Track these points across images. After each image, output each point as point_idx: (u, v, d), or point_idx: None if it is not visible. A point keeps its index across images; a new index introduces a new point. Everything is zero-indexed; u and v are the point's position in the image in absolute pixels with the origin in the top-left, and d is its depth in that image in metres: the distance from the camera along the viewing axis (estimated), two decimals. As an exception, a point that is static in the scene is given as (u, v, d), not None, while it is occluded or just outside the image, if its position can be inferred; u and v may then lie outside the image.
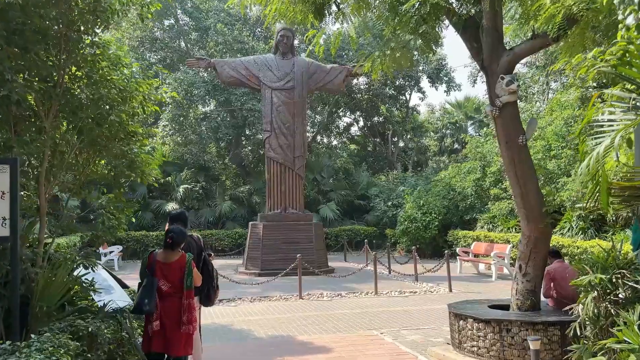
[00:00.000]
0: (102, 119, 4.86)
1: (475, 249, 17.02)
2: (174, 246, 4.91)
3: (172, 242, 4.91)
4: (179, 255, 4.90)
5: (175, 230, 4.97)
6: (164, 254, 4.93)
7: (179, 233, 4.99)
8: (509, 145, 6.45)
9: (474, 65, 25.88)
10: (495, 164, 18.83)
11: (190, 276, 4.83)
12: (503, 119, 6.41)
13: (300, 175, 16.93)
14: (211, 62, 16.96)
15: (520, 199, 6.62)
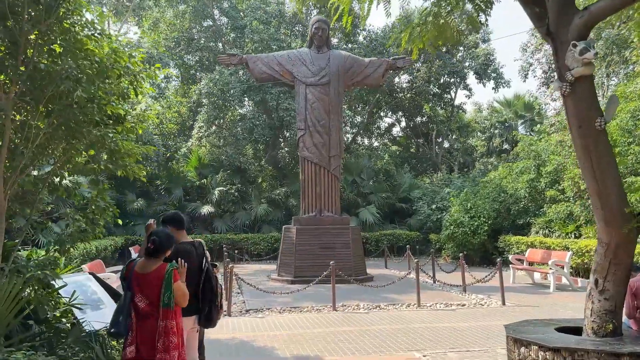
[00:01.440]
0: (69, 97, 3.95)
1: (530, 256, 15.44)
2: (156, 253, 3.97)
3: (155, 248, 3.97)
4: (158, 264, 3.95)
5: (159, 234, 4.03)
6: (143, 262, 4.00)
7: (165, 237, 4.05)
8: (583, 130, 5.15)
9: (524, 59, 24.14)
10: (552, 162, 17.14)
11: (169, 291, 3.85)
12: (576, 97, 5.13)
13: (336, 176, 15.85)
14: (243, 58, 16.17)
15: (596, 197, 5.31)
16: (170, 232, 4.31)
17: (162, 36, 25.83)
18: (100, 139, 4.29)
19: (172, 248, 4.57)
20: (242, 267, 19.25)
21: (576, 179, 15.75)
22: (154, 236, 4.01)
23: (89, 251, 16.16)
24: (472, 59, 29.38)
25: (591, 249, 13.88)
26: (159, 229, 4.22)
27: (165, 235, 4.08)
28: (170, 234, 4.24)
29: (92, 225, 4.88)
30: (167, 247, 4.07)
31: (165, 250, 4.07)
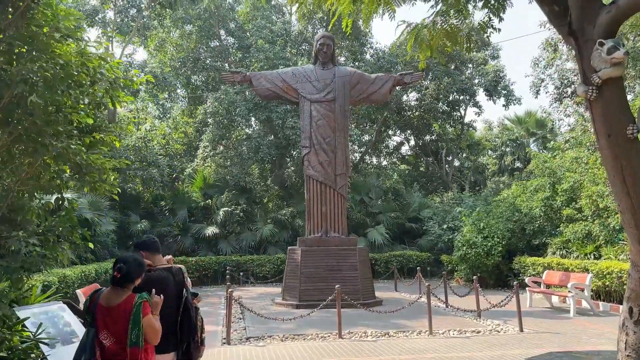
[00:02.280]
0: (24, 103, 3.46)
1: (547, 278, 14.65)
2: (124, 282, 3.44)
3: (122, 276, 3.43)
4: (126, 295, 3.40)
5: (127, 260, 3.49)
6: (108, 293, 3.46)
7: (133, 263, 3.51)
8: (613, 139, 4.58)
9: (535, 75, 23.57)
10: (567, 180, 16.45)
11: (137, 327, 3.29)
12: (604, 102, 4.57)
13: (342, 195, 15.29)
14: (247, 75, 15.81)
15: (630, 215, 4.71)
16: (140, 257, 3.78)
17: (168, 56, 25.72)
18: (63, 151, 3.77)
19: (144, 276, 4.03)
20: (246, 290, 18.63)
21: (594, 197, 15.06)
22: (120, 262, 3.48)
23: (87, 274, 15.66)
24: (481, 76, 28.92)
25: (613, 271, 13.12)
26: (127, 254, 3.70)
27: (134, 261, 3.55)
28: (139, 259, 3.70)
29: (54, 250, 4.33)
30: (135, 275, 3.54)
31: (134, 278, 3.54)
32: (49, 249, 4.25)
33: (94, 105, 4.09)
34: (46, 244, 4.22)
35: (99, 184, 4.33)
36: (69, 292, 13.90)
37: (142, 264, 3.68)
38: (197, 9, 23.17)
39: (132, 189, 24.06)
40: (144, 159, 22.15)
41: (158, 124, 27.84)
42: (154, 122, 26.62)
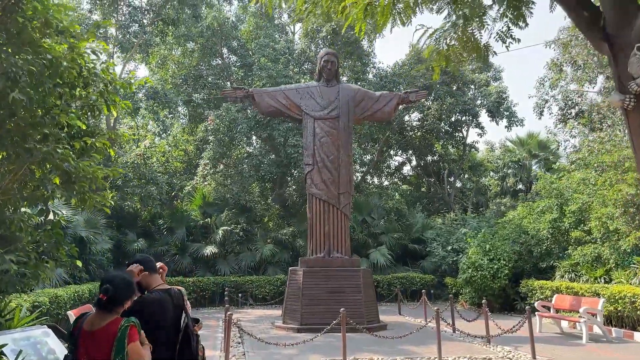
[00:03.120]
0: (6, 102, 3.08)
1: (557, 303, 14.16)
2: (110, 305, 3.04)
3: (108, 298, 3.03)
4: (112, 319, 2.99)
5: (114, 280, 3.11)
6: (93, 317, 3.05)
7: (121, 284, 3.12)
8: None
9: (539, 96, 23.38)
10: (576, 201, 16.07)
11: (121, 354, 2.87)
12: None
13: (346, 215, 14.88)
14: (249, 91, 15.54)
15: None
16: (129, 276, 3.37)
17: (170, 73, 25.56)
18: (49, 156, 3.37)
19: (138, 298, 3.63)
20: (245, 313, 18.06)
21: (604, 219, 14.66)
22: (106, 283, 3.08)
23: (80, 294, 15.13)
24: (483, 97, 28.75)
25: (625, 296, 12.66)
26: (114, 273, 3.32)
27: (122, 281, 3.15)
28: (128, 278, 3.30)
29: (37, 269, 3.89)
30: (123, 297, 3.14)
31: (123, 301, 3.14)
32: (30, 267, 3.81)
33: (87, 109, 3.72)
34: (28, 261, 3.78)
35: (89, 194, 3.91)
36: (60, 314, 13.37)
37: (131, 283, 3.28)
38: (200, 27, 23.07)
39: (129, 206, 23.62)
40: (142, 176, 21.77)
41: (158, 141, 27.54)
42: (154, 139, 26.31)
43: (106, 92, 3.79)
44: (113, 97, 3.86)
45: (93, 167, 3.82)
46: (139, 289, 3.98)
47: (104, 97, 3.81)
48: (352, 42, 24.14)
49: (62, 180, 3.62)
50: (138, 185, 21.57)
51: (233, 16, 26.30)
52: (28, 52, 3.23)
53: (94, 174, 3.79)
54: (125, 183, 21.52)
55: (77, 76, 3.56)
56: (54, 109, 3.39)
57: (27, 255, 3.81)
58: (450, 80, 27.04)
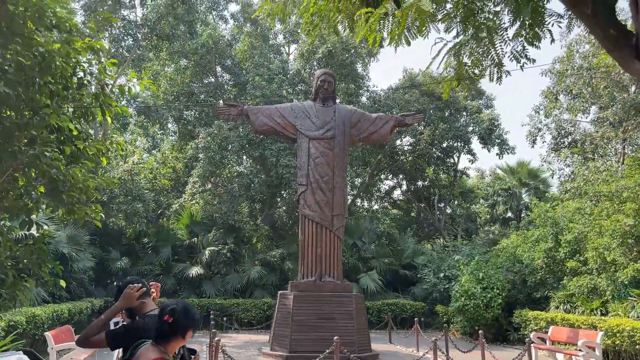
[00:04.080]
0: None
1: (553, 334, 13.79)
2: (170, 336, 2.86)
3: (174, 321, 2.86)
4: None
5: (178, 308, 2.90)
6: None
7: (185, 311, 2.92)
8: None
9: (533, 124, 23.43)
10: (572, 231, 15.85)
11: None
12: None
13: (339, 237, 14.48)
14: (243, 109, 15.24)
15: None
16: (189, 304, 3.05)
17: (162, 89, 25.22)
18: (36, 160, 2.96)
19: (128, 323, 3.26)
20: (229, 338, 17.41)
21: (600, 250, 14.43)
22: (171, 307, 2.85)
23: (59, 314, 14.42)
24: (475, 124, 28.79)
25: (624, 329, 12.33)
26: (177, 301, 3.00)
27: (184, 308, 2.92)
28: (189, 307, 3.01)
29: (14, 289, 3.43)
30: (187, 326, 2.90)
31: (186, 329, 2.90)
32: (8, 286, 3.35)
33: (80, 113, 3.35)
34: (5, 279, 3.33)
35: (78, 206, 3.48)
36: (37, 334, 12.68)
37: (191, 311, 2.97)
38: (195, 44, 22.86)
39: (114, 223, 22.97)
40: (129, 193, 21.21)
41: (146, 157, 27.04)
42: (142, 155, 25.81)
43: (102, 95, 3.42)
44: (109, 101, 3.49)
45: (84, 175, 3.40)
46: (129, 313, 3.58)
47: (99, 100, 3.44)
48: (347, 64, 24.09)
49: (49, 188, 3.20)
50: (124, 202, 20.99)
51: (228, 34, 26.15)
52: (18, 43, 2.85)
53: (84, 183, 3.37)
54: (111, 199, 20.93)
55: (72, 75, 3.20)
56: (43, 109, 3.00)
57: (4, 273, 3.35)
58: (444, 106, 27.07)
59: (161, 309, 2.94)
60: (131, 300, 3.44)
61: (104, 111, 3.56)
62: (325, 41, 22.87)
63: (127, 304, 3.43)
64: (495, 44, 6.19)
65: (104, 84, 3.52)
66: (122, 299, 3.46)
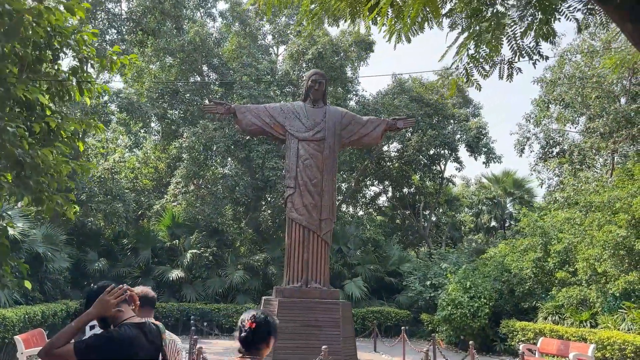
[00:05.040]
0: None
1: (543, 346, 13.55)
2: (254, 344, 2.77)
3: (257, 327, 2.76)
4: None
5: (261, 318, 2.79)
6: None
7: (264, 322, 2.80)
8: None
9: (521, 133, 23.36)
10: (562, 241, 15.66)
11: None
12: None
13: (326, 242, 14.02)
14: (231, 107, 14.70)
15: None
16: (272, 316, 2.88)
17: (145, 87, 24.57)
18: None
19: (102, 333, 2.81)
20: (209, 344, 16.80)
21: (591, 261, 14.25)
22: (260, 318, 2.75)
23: (31, 317, 13.72)
24: (463, 132, 28.67)
25: (615, 342, 12.13)
26: (260, 310, 2.89)
27: (265, 320, 2.78)
28: (269, 314, 2.88)
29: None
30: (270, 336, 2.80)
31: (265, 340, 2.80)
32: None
33: (55, 91, 2.86)
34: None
35: (48, 195, 2.93)
36: (7, 338, 11.98)
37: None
38: (182, 41, 22.29)
39: (92, 223, 22.21)
40: (108, 192, 20.49)
41: (128, 155, 26.31)
42: (124, 153, 25.08)
43: (80, 70, 2.94)
44: (88, 78, 3.00)
45: (56, 158, 2.88)
46: (102, 322, 3.09)
47: (77, 76, 2.96)
48: (336, 67, 23.75)
49: (14, 174, 2.68)
50: (103, 201, 20.26)
51: (216, 33, 25.63)
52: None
53: (56, 168, 2.85)
54: (89, 198, 20.19)
55: (46, 45, 2.71)
56: (9, 77, 2.50)
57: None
58: (432, 113, 26.90)
59: (241, 319, 2.87)
60: (107, 308, 2.94)
61: (81, 88, 3.07)
62: (315, 42, 22.51)
63: (101, 311, 2.93)
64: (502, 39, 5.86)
65: (83, 57, 3.05)
66: (97, 305, 2.96)
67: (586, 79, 17.53)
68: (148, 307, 3.89)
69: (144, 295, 3.87)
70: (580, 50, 18.96)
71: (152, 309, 3.95)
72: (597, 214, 14.64)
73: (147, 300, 3.90)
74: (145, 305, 3.84)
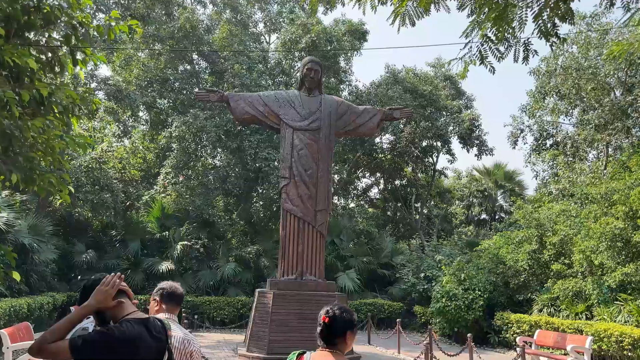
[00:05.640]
0: None
1: (540, 339, 13.45)
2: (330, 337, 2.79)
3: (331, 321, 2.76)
4: None
5: (335, 313, 2.78)
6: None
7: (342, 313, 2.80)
8: None
9: (515, 125, 23.23)
10: (557, 233, 15.56)
11: None
12: None
13: (322, 234, 13.78)
14: (224, 95, 14.33)
15: None
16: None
17: (134, 74, 24.00)
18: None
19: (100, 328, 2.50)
20: (202, 337, 16.52)
21: (587, 253, 14.16)
22: (335, 308, 2.77)
23: (17, 310, 13.30)
24: (456, 124, 28.49)
25: (612, 334, 12.05)
26: (338, 305, 2.87)
27: (339, 316, 2.76)
28: (346, 308, 2.85)
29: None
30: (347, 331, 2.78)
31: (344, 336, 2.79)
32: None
33: (46, 61, 2.54)
34: None
35: (40, 173, 2.59)
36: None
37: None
38: (172, 27, 21.75)
39: (80, 214, 21.71)
40: (96, 182, 19.98)
41: (116, 145, 25.71)
42: (112, 142, 24.50)
43: (74, 37, 2.61)
44: (83, 45, 2.68)
45: (48, 132, 2.56)
46: (101, 318, 2.78)
47: (70, 43, 2.63)
48: (329, 57, 23.37)
49: (1, 148, 2.35)
50: (91, 191, 19.76)
51: (207, 19, 25.08)
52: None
53: (49, 144, 2.52)
54: (77, 188, 19.67)
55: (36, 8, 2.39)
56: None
57: None
58: (426, 104, 26.66)
59: (320, 313, 2.88)
60: (106, 299, 2.63)
61: (75, 58, 2.74)
62: (309, 30, 22.10)
63: (101, 301, 2.62)
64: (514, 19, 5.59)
65: (77, 23, 2.71)
66: (96, 295, 2.64)
67: (582, 69, 17.40)
68: (174, 304, 3.74)
69: (172, 292, 3.76)
70: (575, 41, 18.81)
71: (178, 305, 3.77)
72: (593, 206, 14.54)
73: (175, 297, 3.75)
74: (171, 302, 3.71)
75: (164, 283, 3.90)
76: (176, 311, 3.81)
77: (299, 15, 24.79)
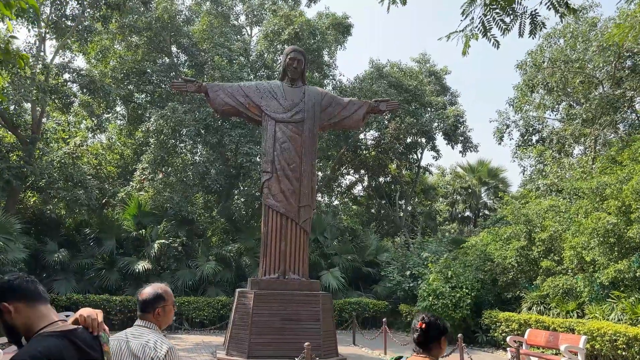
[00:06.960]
0: None
1: (530, 338, 13.05)
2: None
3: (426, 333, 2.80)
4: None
5: (431, 320, 2.83)
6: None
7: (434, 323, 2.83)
8: None
9: (501, 120, 22.91)
10: (547, 229, 15.19)
11: None
12: None
13: (305, 231, 13.19)
14: (202, 85, 13.64)
15: None
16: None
17: (110, 67, 23.08)
18: None
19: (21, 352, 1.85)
20: (179, 339, 15.80)
21: (578, 249, 13.80)
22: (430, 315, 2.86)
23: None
24: (440, 120, 28.14)
25: (605, 333, 11.68)
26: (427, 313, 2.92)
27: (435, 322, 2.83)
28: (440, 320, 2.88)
29: None
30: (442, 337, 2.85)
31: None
32: None
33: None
34: None
35: None
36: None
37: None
38: (149, 17, 20.89)
39: (52, 211, 20.75)
40: (69, 178, 19.05)
41: (91, 139, 24.76)
42: (87, 136, 23.55)
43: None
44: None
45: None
46: (10, 332, 2.12)
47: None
48: (313, 50, 22.76)
49: None
50: (64, 188, 18.84)
51: (186, 10, 24.25)
52: None
53: None
54: (49, 184, 18.75)
55: None
56: None
57: None
58: (411, 99, 26.23)
59: (414, 321, 2.98)
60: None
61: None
62: (292, 22, 21.45)
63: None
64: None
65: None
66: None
67: (570, 62, 17.09)
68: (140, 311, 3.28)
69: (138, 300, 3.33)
70: (563, 34, 18.50)
71: (143, 312, 3.24)
72: (584, 201, 14.19)
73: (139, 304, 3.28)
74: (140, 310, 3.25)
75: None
76: (147, 316, 3.17)
77: (281, 6, 24.12)
